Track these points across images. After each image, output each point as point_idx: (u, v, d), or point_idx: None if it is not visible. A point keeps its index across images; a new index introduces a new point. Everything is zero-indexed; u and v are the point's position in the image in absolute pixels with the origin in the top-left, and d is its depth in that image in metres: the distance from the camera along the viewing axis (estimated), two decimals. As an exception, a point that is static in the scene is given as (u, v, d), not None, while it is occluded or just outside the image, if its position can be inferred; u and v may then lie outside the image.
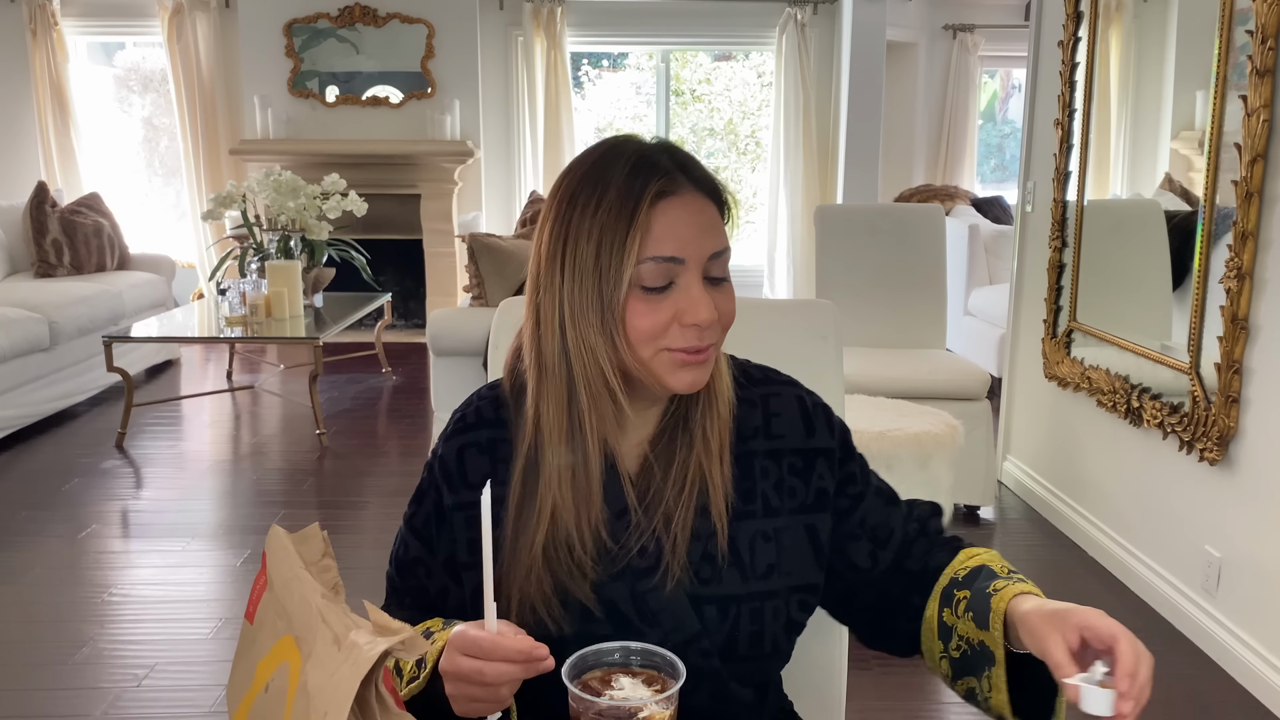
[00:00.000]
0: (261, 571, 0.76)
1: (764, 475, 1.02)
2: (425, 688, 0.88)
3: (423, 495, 1.04)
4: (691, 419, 0.99)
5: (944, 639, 0.97)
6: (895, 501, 1.08)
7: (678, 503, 0.97)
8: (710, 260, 0.93)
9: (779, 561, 1.00)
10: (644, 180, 0.90)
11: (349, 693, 0.57)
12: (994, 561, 1.00)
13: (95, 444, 4.33)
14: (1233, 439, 2.54)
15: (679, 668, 0.79)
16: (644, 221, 0.89)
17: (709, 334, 0.93)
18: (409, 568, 1.04)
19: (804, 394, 1.08)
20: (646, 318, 0.91)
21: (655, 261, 0.90)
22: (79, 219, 5.47)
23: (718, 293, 0.94)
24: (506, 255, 4.10)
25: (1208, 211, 2.62)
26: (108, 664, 2.54)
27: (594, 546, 0.94)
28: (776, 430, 1.04)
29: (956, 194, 6.59)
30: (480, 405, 1.04)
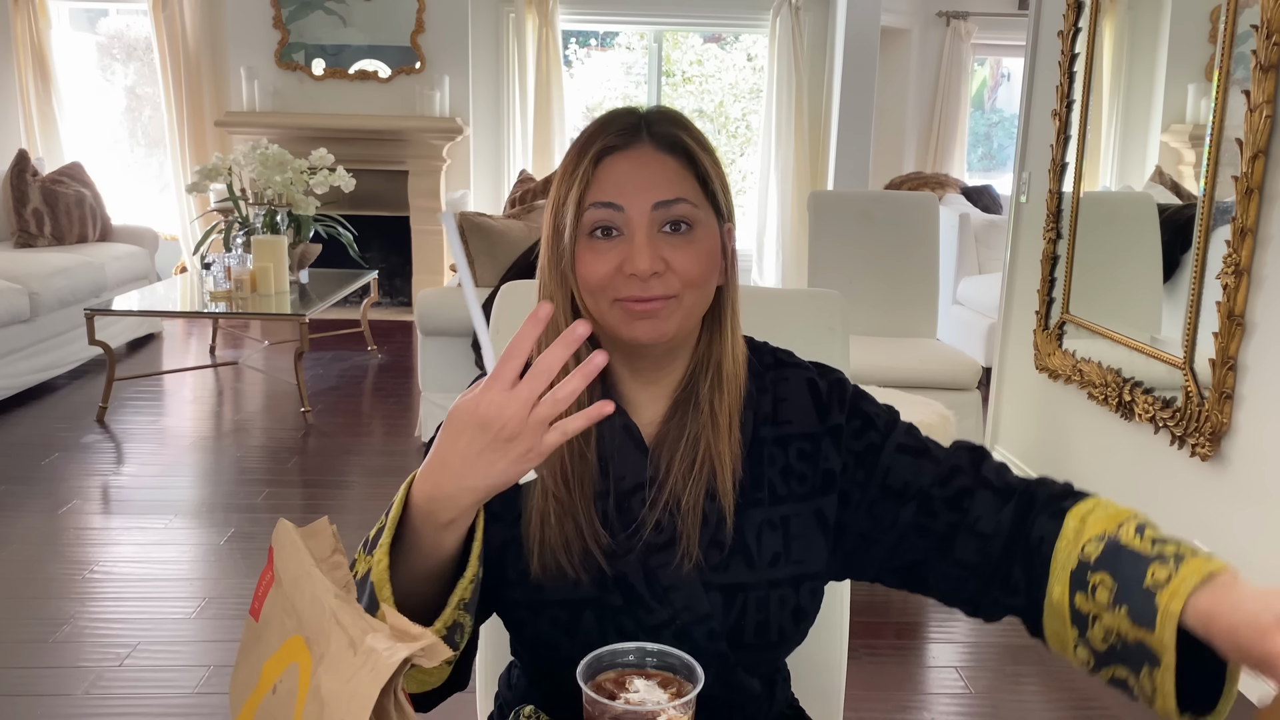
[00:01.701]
0: (268, 566, 0.73)
1: (771, 462, 1.01)
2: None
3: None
4: (700, 394, 0.99)
5: (1080, 626, 0.87)
6: (924, 453, 1.01)
7: (688, 480, 0.97)
8: (658, 209, 0.92)
9: (785, 550, 0.99)
10: (596, 137, 0.95)
11: (368, 701, 0.55)
12: (1124, 528, 0.87)
13: (76, 418, 4.27)
14: (1225, 435, 2.54)
15: (696, 671, 0.77)
16: (587, 173, 0.93)
17: (656, 284, 0.92)
18: None
19: (815, 376, 1.05)
20: (593, 266, 0.93)
21: (595, 207, 0.93)
22: (60, 188, 5.38)
23: (671, 246, 0.93)
24: (496, 235, 4.05)
25: (1206, 206, 2.61)
26: (89, 643, 2.51)
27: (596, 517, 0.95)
28: (783, 416, 1.02)
29: (947, 182, 6.58)
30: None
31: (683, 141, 0.95)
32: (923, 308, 3.98)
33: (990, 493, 0.97)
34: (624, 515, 0.97)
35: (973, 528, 0.95)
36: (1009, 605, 0.94)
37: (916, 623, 2.79)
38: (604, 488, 0.97)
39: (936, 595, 1.00)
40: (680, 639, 0.92)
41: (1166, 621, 0.79)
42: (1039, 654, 2.63)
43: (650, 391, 1.01)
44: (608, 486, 0.97)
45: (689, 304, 0.95)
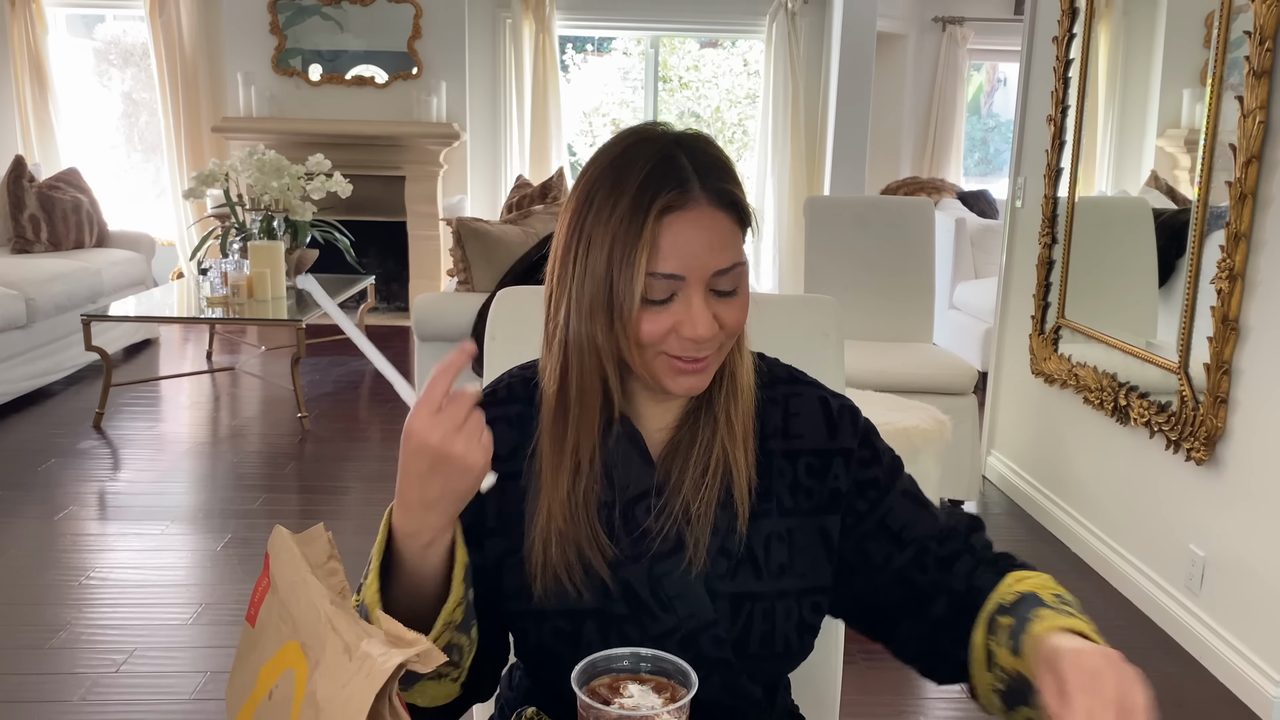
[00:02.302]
0: (264, 573, 0.73)
1: (780, 475, 1.01)
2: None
3: None
4: (715, 402, 0.99)
5: (990, 669, 0.93)
6: (925, 506, 1.05)
7: (700, 486, 0.97)
8: (716, 276, 0.92)
9: (791, 562, 1.00)
10: (654, 191, 0.91)
11: (362, 707, 0.55)
12: (1044, 588, 0.96)
13: (72, 424, 4.27)
14: (1220, 439, 2.54)
15: (691, 676, 0.78)
16: (650, 236, 0.90)
17: (707, 346, 0.93)
18: None
19: (828, 395, 1.07)
20: (647, 325, 0.92)
21: (656, 277, 0.91)
22: (57, 194, 5.38)
23: (723, 305, 0.94)
24: (494, 240, 4.06)
25: (1200, 211, 2.62)
26: (85, 649, 2.51)
27: (600, 526, 0.96)
28: (795, 430, 1.03)
29: (943, 187, 6.60)
30: (512, 382, 1.06)
31: (735, 197, 0.94)
32: (919, 312, 3.99)
33: (973, 559, 1.02)
34: (629, 523, 0.97)
35: (952, 589, 1.00)
36: (957, 660, 0.97)
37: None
38: (608, 497, 0.97)
39: (896, 647, 1.04)
40: (685, 646, 0.92)
41: (1030, 645, 0.86)
42: (1035, 658, 2.63)
43: (661, 405, 1.02)
44: (612, 496, 0.98)
45: (726, 349, 0.97)
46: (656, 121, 0.98)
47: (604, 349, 0.94)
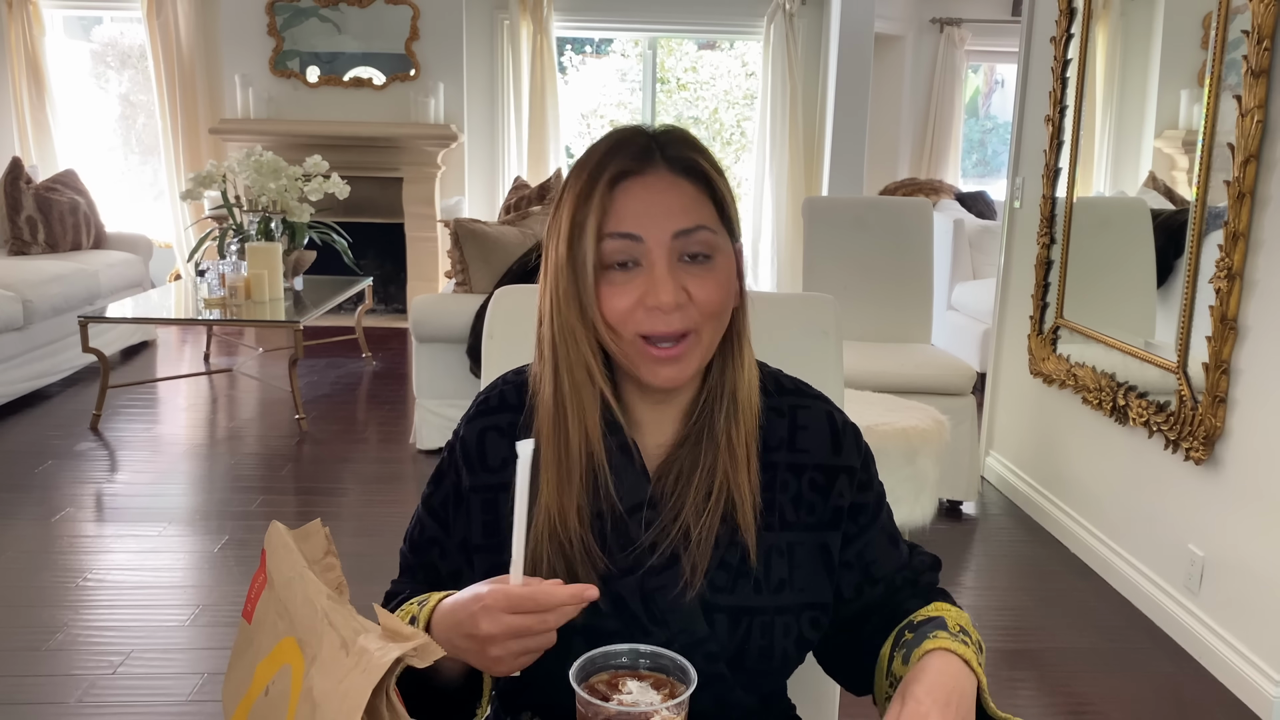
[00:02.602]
0: (260, 569, 0.73)
1: (783, 488, 1.00)
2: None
3: (442, 476, 1.04)
4: (716, 425, 0.97)
5: (886, 677, 0.97)
6: (897, 544, 1.06)
7: (703, 510, 0.95)
8: (678, 238, 0.91)
9: (791, 577, 0.99)
10: (609, 160, 0.91)
11: (359, 702, 0.54)
12: (954, 619, 0.97)
13: (69, 425, 4.26)
14: (1219, 439, 2.54)
15: (690, 672, 0.77)
16: (602, 201, 0.90)
17: (678, 318, 0.91)
18: (424, 547, 1.04)
19: (834, 410, 1.06)
20: (612, 300, 0.91)
21: (614, 238, 0.90)
22: (54, 196, 5.38)
23: (693, 277, 0.91)
24: (491, 241, 4.05)
25: (1198, 211, 2.62)
26: (82, 650, 2.50)
27: (592, 537, 0.94)
28: (801, 444, 1.02)
29: (941, 188, 6.60)
30: (504, 389, 1.04)
31: (698, 164, 0.93)
32: (917, 313, 3.98)
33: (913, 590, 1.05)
34: (621, 536, 0.95)
35: (886, 611, 1.03)
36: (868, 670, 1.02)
37: (912, 628, 2.78)
38: (601, 508, 0.96)
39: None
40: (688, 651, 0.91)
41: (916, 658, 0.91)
42: (1034, 659, 2.63)
43: (659, 412, 1.00)
44: (606, 507, 0.96)
45: (708, 340, 0.95)
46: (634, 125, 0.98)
47: (583, 337, 0.93)
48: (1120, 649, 2.71)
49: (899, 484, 2.84)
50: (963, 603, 2.94)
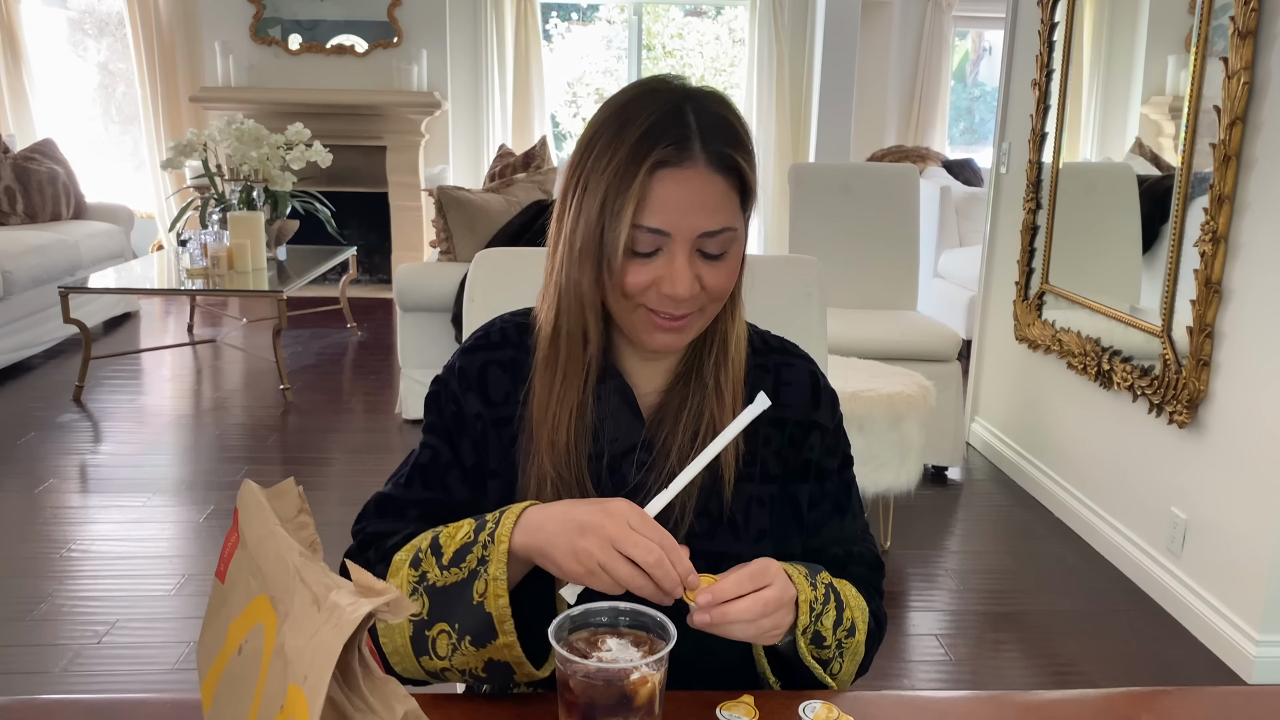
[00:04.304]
0: (233, 528, 0.72)
1: (766, 442, 1.03)
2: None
3: (438, 404, 1.04)
4: (705, 368, 1.01)
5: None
6: (843, 515, 1.08)
7: (691, 449, 0.98)
8: (703, 238, 0.92)
9: (770, 528, 1.02)
10: (652, 144, 0.90)
11: (330, 656, 0.54)
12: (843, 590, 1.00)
13: (52, 397, 4.23)
14: (1202, 402, 2.55)
15: (669, 629, 0.77)
16: (640, 189, 0.90)
17: (687, 305, 0.94)
18: (436, 475, 1.02)
19: (818, 372, 1.09)
20: (631, 275, 0.93)
21: (642, 230, 0.91)
22: (32, 165, 5.31)
23: (708, 267, 0.94)
24: (476, 209, 4.02)
25: (1184, 175, 2.61)
26: (67, 620, 2.49)
27: (589, 478, 0.98)
28: (784, 399, 1.05)
29: (928, 155, 6.57)
30: (505, 327, 1.06)
31: (736, 162, 0.92)
32: (903, 279, 3.98)
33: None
34: (615, 477, 0.99)
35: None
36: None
37: (897, 591, 2.80)
38: (596, 450, 0.99)
39: None
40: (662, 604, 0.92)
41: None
42: (1017, 621, 2.65)
43: (651, 366, 1.03)
44: (601, 448, 0.99)
45: (710, 314, 0.98)
46: (673, 75, 0.97)
47: (588, 298, 0.95)
48: (1102, 610, 2.73)
49: (884, 449, 2.84)
50: (947, 566, 2.98)
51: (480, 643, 0.86)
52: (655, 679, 0.73)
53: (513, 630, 0.85)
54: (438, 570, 0.89)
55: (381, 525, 1.00)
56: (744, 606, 0.84)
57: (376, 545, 0.97)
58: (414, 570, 0.91)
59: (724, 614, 0.84)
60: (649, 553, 0.81)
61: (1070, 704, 0.95)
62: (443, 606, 0.88)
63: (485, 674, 0.88)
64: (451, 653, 0.88)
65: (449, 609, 0.87)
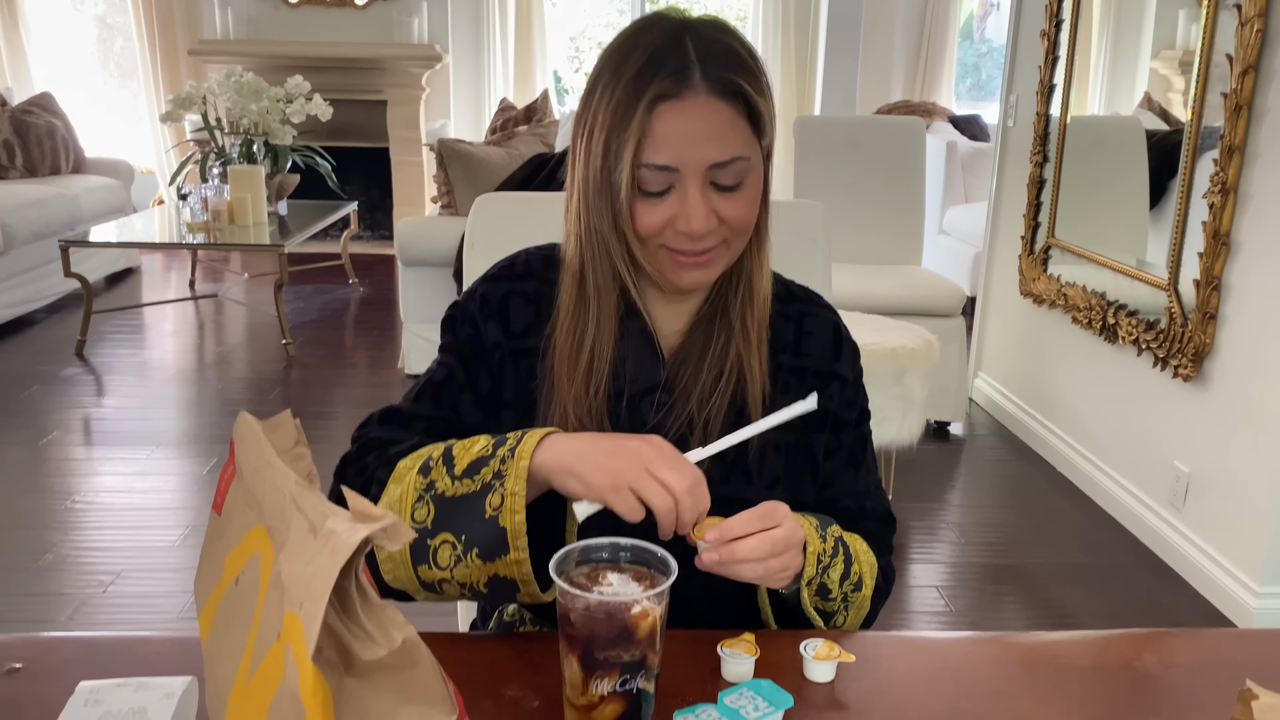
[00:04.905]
0: (229, 460, 0.71)
1: (785, 390, 1.02)
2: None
3: (454, 326, 1.03)
4: (731, 308, 1.00)
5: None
6: (857, 468, 1.08)
7: (713, 390, 0.98)
8: (714, 169, 0.90)
9: (784, 476, 1.02)
10: (649, 78, 0.88)
11: (327, 582, 0.53)
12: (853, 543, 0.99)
13: (54, 351, 4.23)
14: (1208, 355, 2.54)
15: (670, 564, 0.76)
16: (641, 126, 0.88)
17: (707, 239, 0.93)
18: (448, 394, 1.01)
19: (841, 324, 1.09)
20: (644, 217, 0.92)
21: (650, 169, 0.89)
22: (31, 119, 5.26)
23: (724, 199, 0.92)
24: (477, 162, 3.99)
25: (1194, 125, 2.58)
26: (72, 570, 2.50)
27: (607, 417, 0.97)
28: (806, 349, 1.05)
29: (934, 111, 6.50)
30: (530, 258, 1.05)
31: (739, 87, 0.90)
32: (908, 234, 3.95)
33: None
34: (634, 417, 0.99)
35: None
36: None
37: (898, 544, 2.81)
38: (616, 389, 0.98)
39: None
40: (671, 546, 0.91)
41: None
42: (1018, 574, 2.66)
43: (674, 308, 1.02)
44: (621, 388, 0.98)
45: (736, 248, 0.97)
46: (673, 8, 0.94)
47: (611, 242, 0.94)
48: (1103, 564, 2.74)
49: (886, 403, 2.84)
50: (949, 520, 2.98)
51: (489, 556, 0.84)
52: (656, 613, 0.73)
53: (525, 547, 0.83)
54: (448, 480, 0.87)
55: (384, 433, 0.98)
56: (752, 545, 0.83)
57: (379, 451, 0.94)
58: (422, 477, 0.88)
59: (732, 552, 0.83)
60: (682, 478, 0.81)
61: (1071, 644, 0.95)
62: (450, 517, 0.85)
63: (487, 589, 0.86)
64: (454, 564, 0.85)
65: (456, 520, 0.85)
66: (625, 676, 0.72)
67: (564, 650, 0.75)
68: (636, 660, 0.73)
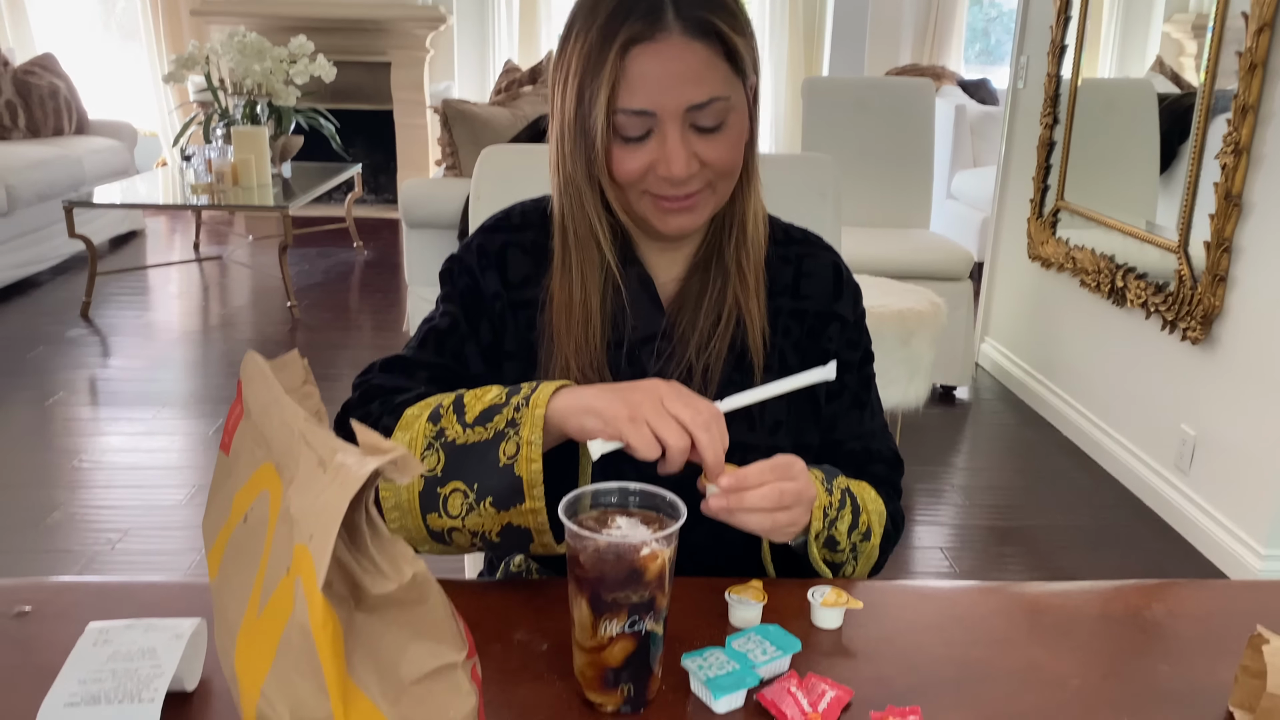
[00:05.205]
0: (236, 400, 0.71)
1: (785, 333, 1.02)
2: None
3: (453, 277, 1.02)
4: (725, 252, 0.99)
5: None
6: (862, 410, 1.07)
7: (711, 336, 0.97)
8: (692, 111, 0.88)
9: (786, 420, 1.01)
10: (621, 21, 0.87)
11: (336, 514, 0.53)
12: (860, 492, 0.99)
13: (60, 312, 4.23)
14: (1217, 318, 2.52)
15: (679, 507, 0.76)
16: (614, 71, 0.87)
17: (690, 183, 0.91)
18: (452, 343, 0.99)
19: (842, 264, 1.07)
20: (624, 164, 0.91)
21: (627, 114, 0.88)
22: (33, 79, 5.23)
23: (705, 141, 0.91)
24: (481, 123, 3.96)
25: (1207, 85, 2.55)
26: (80, 528, 2.52)
27: (607, 367, 0.97)
28: (805, 291, 1.04)
29: (943, 74, 6.44)
30: (526, 210, 1.04)
31: (714, 26, 0.88)
32: (916, 197, 3.92)
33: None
34: (634, 366, 0.98)
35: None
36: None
37: (903, 505, 2.81)
38: (617, 338, 0.98)
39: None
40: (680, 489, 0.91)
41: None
42: (1022, 536, 2.66)
43: (669, 255, 1.02)
44: (622, 337, 0.98)
45: (722, 191, 0.96)
46: None
47: (585, 191, 0.93)
48: (1108, 526, 2.74)
49: (893, 365, 2.83)
50: (953, 483, 2.98)
51: (503, 505, 0.83)
52: (665, 555, 0.73)
53: (542, 496, 0.82)
54: (459, 428, 0.85)
55: (387, 380, 0.96)
56: (762, 494, 0.82)
57: (383, 399, 0.93)
58: (432, 424, 0.86)
59: (740, 500, 0.82)
60: (698, 414, 0.80)
61: (1079, 594, 0.95)
62: (460, 465, 0.84)
63: (499, 539, 0.85)
64: (465, 513, 0.84)
65: (468, 468, 0.84)
66: (634, 618, 0.72)
67: (573, 593, 0.74)
68: (645, 601, 0.72)
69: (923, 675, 0.81)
